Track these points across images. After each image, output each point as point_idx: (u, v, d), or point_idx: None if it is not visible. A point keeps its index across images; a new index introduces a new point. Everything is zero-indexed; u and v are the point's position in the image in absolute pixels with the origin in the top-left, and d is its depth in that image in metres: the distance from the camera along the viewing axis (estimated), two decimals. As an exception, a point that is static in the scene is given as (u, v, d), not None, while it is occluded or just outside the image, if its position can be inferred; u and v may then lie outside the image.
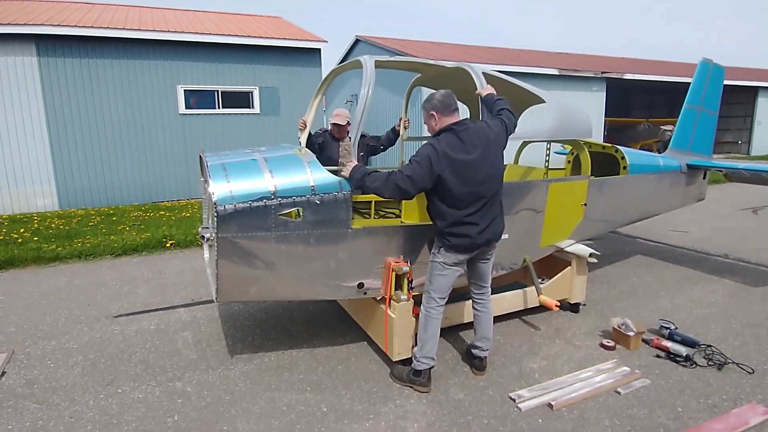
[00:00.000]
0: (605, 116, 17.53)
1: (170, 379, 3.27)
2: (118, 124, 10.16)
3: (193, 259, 6.20)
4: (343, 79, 20.07)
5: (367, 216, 3.46)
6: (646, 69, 19.93)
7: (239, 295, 3.18)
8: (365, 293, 3.29)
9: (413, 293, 3.28)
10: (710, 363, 3.41)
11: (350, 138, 3.40)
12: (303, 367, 3.42)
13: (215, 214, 2.79)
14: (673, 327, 3.80)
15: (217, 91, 11.05)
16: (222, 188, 2.84)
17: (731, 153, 22.24)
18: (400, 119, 4.55)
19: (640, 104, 25.94)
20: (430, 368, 3.09)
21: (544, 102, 3.97)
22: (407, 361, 3.26)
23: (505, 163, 3.12)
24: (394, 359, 3.27)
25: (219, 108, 11.12)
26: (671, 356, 3.50)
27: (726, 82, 6.26)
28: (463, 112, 3.21)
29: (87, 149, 9.95)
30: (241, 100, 11.37)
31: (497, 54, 18.40)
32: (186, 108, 10.78)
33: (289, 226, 2.92)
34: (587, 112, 4.27)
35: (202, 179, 3.67)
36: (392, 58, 3.63)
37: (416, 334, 3.18)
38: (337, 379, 3.26)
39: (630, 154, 4.89)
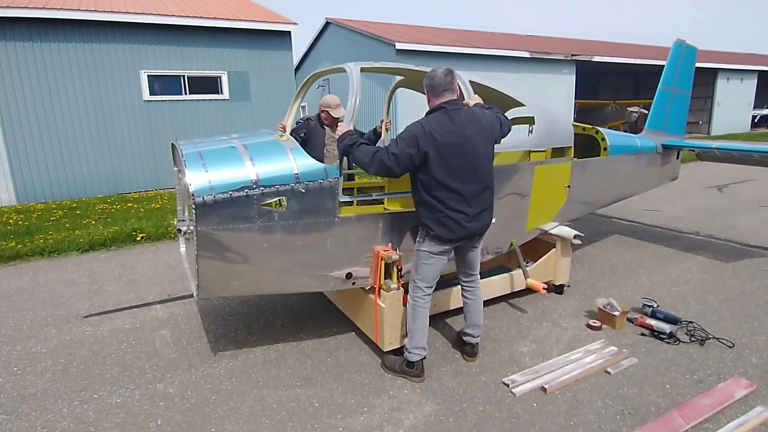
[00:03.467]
0: (575, 98, 17.78)
1: (150, 381, 3.10)
2: (78, 113, 9.59)
3: (166, 253, 5.94)
4: (313, 65, 19.65)
5: (350, 203, 3.34)
6: (614, 52, 20.28)
7: (222, 290, 3.03)
8: (354, 283, 3.19)
9: (403, 281, 3.21)
10: (692, 339, 3.49)
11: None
12: (291, 361, 3.31)
13: (193, 206, 2.62)
14: (655, 305, 3.88)
15: (183, 76, 10.56)
16: (200, 178, 2.67)
17: (693, 133, 23.00)
18: (382, 121, 4.42)
19: (608, 86, 26.49)
20: (422, 358, 3.03)
21: (524, 105, 3.96)
22: (398, 351, 3.19)
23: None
24: (386, 350, 3.20)
25: (186, 94, 10.65)
26: (655, 334, 3.56)
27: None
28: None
29: (45, 139, 9.36)
30: (209, 85, 10.92)
31: (470, 37, 18.30)
32: (150, 94, 10.27)
33: (272, 216, 2.78)
34: (569, 119, 4.26)
35: (176, 169, 3.46)
36: (377, 65, 3.46)
37: (406, 324, 3.11)
38: (327, 372, 3.16)
39: (610, 136, 4.91)
